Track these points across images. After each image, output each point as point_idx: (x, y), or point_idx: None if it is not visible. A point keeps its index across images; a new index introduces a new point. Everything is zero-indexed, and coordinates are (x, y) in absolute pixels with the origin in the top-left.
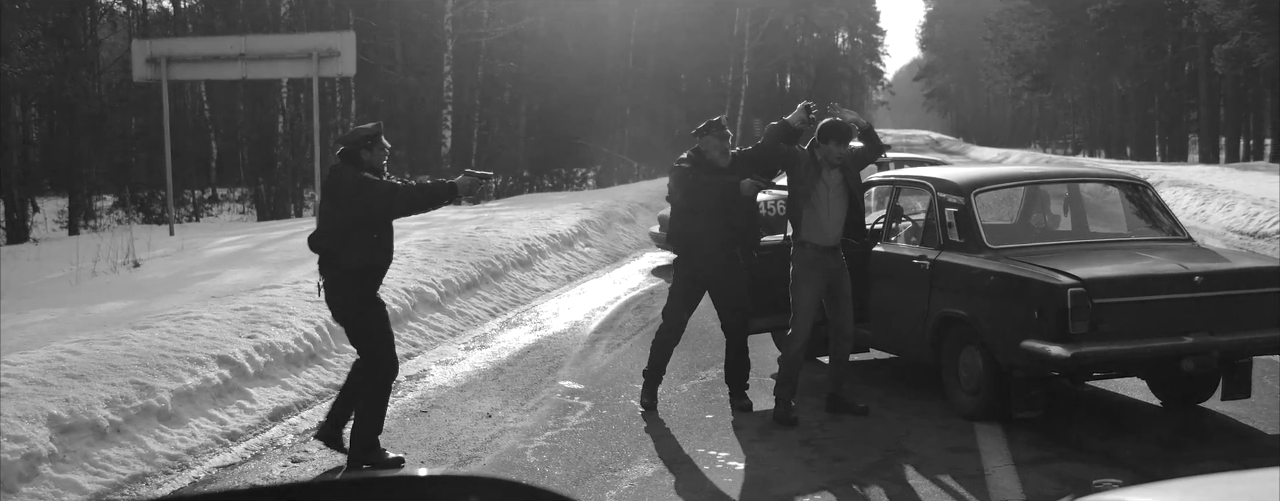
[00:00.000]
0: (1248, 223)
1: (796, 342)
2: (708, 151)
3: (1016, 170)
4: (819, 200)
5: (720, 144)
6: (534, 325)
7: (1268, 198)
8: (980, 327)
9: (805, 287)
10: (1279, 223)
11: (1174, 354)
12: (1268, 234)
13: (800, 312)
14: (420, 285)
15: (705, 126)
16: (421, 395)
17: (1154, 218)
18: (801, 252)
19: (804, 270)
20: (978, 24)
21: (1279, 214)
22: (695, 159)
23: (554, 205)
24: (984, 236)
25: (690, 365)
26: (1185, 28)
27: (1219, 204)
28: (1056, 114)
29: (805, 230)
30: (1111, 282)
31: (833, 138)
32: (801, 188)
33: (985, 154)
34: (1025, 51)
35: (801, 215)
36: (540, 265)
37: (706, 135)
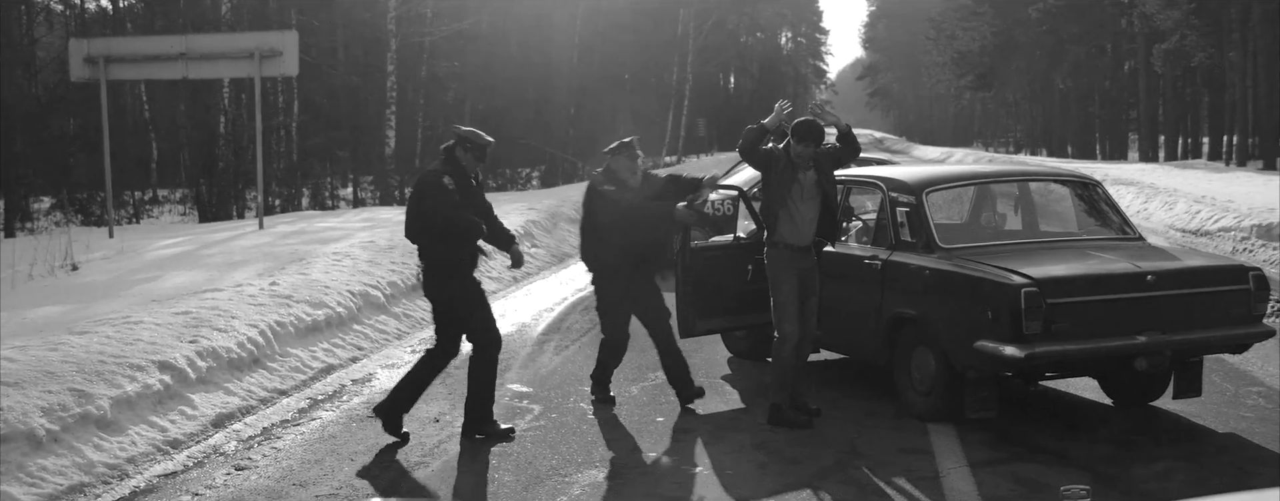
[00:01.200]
0: (1190, 220)
1: (788, 344)
2: (619, 171)
3: (968, 169)
4: (793, 201)
5: (629, 163)
6: None
7: (1208, 196)
8: (933, 328)
9: (785, 287)
10: (1221, 220)
11: (1128, 353)
12: (1210, 231)
13: (785, 313)
14: (365, 287)
15: (617, 146)
16: (368, 399)
17: (1104, 216)
18: (776, 254)
19: (781, 271)
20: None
21: (1221, 212)
22: (608, 177)
23: (499, 205)
24: (936, 236)
25: (639, 367)
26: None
27: (1161, 202)
28: (998, 113)
29: (780, 231)
30: (1065, 282)
31: (801, 137)
32: (778, 189)
33: (928, 153)
34: (968, 51)
35: (778, 216)
36: (486, 266)
37: (618, 155)
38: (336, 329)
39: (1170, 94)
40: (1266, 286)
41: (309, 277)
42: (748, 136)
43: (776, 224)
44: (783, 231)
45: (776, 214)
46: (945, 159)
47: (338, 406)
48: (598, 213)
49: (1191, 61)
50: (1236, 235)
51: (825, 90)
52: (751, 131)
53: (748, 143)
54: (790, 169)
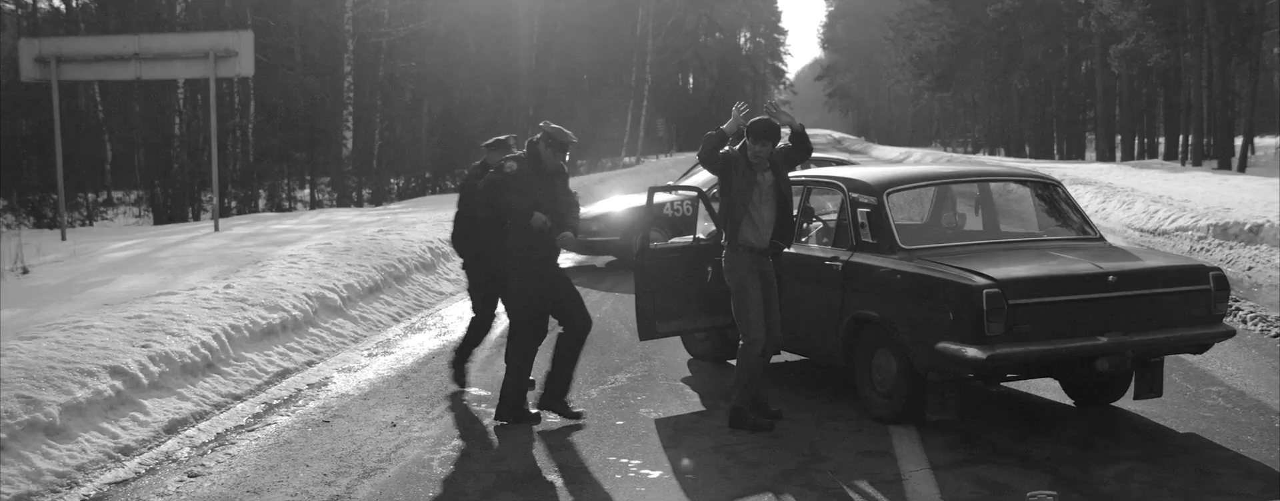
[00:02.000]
0: (1147, 220)
1: (755, 348)
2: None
3: (928, 170)
4: (753, 203)
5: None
6: (439, 330)
7: (1165, 196)
8: (894, 329)
9: (750, 291)
10: (1178, 220)
11: (1089, 354)
12: (1167, 231)
13: (751, 317)
14: (321, 290)
15: (493, 143)
16: (324, 404)
17: (1065, 217)
18: (738, 257)
19: (745, 274)
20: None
21: (1178, 211)
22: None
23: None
24: (897, 237)
25: (598, 369)
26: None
27: (1119, 202)
28: (956, 113)
29: (743, 234)
30: (1027, 283)
31: (759, 137)
32: (741, 191)
33: (887, 153)
34: (926, 51)
35: (740, 219)
36: (444, 268)
37: (494, 150)
38: (292, 332)
39: (1127, 94)
40: (1227, 286)
41: (264, 280)
42: (707, 143)
43: (738, 227)
44: (745, 234)
45: (739, 217)
46: (904, 159)
47: (293, 411)
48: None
49: (1148, 61)
50: (1193, 234)
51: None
52: (711, 138)
53: (708, 149)
54: (749, 170)
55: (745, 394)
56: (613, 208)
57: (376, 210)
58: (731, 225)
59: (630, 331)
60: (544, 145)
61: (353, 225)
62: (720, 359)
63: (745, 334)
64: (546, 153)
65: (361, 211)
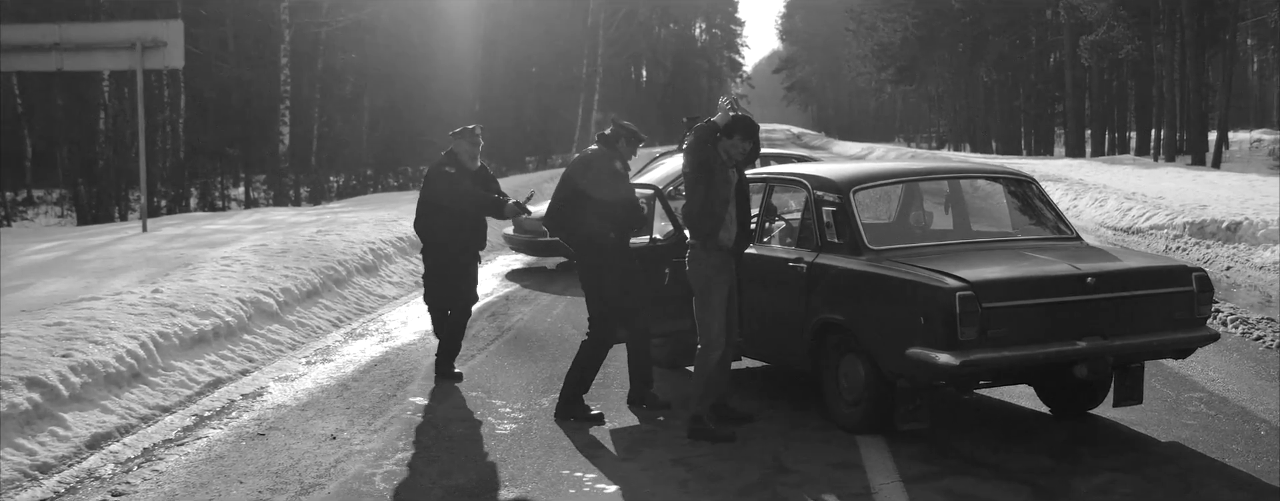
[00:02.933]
0: (1120, 218)
1: (714, 353)
2: (460, 154)
3: (896, 166)
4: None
5: (470, 149)
6: (381, 336)
7: (1138, 192)
8: (862, 335)
9: (716, 294)
10: (1152, 218)
11: (1068, 359)
12: (1141, 229)
13: (713, 321)
14: (257, 294)
15: (461, 131)
16: (259, 415)
17: (1039, 215)
18: (709, 258)
19: (715, 275)
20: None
21: (1152, 209)
22: (450, 159)
23: (401, 205)
24: (864, 237)
25: (550, 376)
26: (1050, 18)
27: (1091, 199)
28: (920, 107)
29: (720, 234)
30: (1002, 285)
31: (739, 132)
32: (722, 189)
33: (849, 148)
34: (889, 43)
35: (721, 218)
36: (387, 270)
37: (460, 139)
38: (225, 339)
39: (1097, 87)
40: (1210, 288)
41: (196, 284)
42: (702, 134)
43: (718, 227)
44: (721, 235)
45: (720, 216)
46: (866, 155)
47: (226, 423)
48: (437, 191)
49: (1119, 53)
50: (1169, 233)
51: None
52: (705, 130)
53: (701, 142)
54: (723, 168)
55: (704, 401)
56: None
57: (315, 209)
58: (710, 224)
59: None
60: (625, 143)
61: (290, 225)
62: (678, 365)
63: (704, 336)
64: (625, 149)
65: (299, 211)
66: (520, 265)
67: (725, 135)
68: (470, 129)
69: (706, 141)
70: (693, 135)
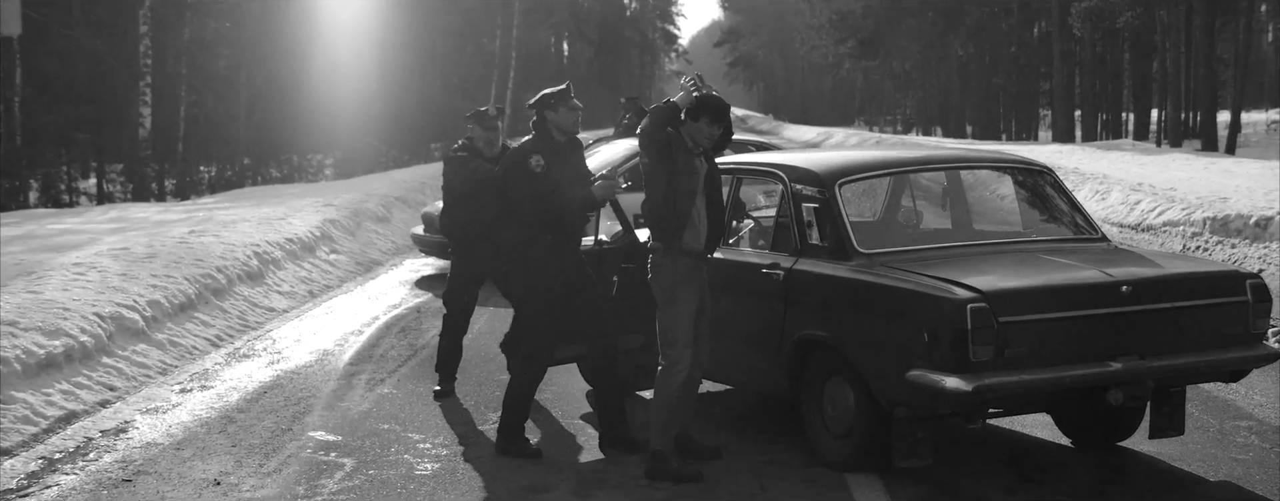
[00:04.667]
0: (1127, 213)
1: (678, 375)
2: (475, 140)
3: (888, 155)
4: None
5: (485, 134)
6: (271, 357)
7: (1145, 183)
8: (851, 354)
9: (683, 306)
10: (1165, 212)
11: (1100, 383)
12: (1153, 226)
13: (679, 337)
14: (118, 308)
15: (471, 115)
16: (123, 457)
17: (1057, 211)
18: (677, 263)
19: (681, 284)
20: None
21: (1164, 202)
22: (468, 148)
23: (287, 201)
24: (853, 238)
25: (476, 404)
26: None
27: (1091, 191)
28: (884, 85)
29: (685, 235)
30: (1021, 296)
31: (707, 114)
32: (686, 182)
33: (803, 134)
34: (849, 11)
35: (687, 216)
36: (274, 278)
37: (473, 124)
38: (80, 364)
39: (1090, 62)
40: (1268, 297)
41: (41, 297)
42: (657, 117)
43: (682, 226)
44: (687, 235)
45: (686, 213)
46: (823, 142)
47: (83, 468)
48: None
49: (1116, 22)
50: (1186, 230)
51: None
52: (663, 111)
53: (656, 125)
54: (688, 157)
55: (666, 433)
56: None
57: (184, 205)
58: (674, 222)
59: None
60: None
61: (155, 224)
62: (628, 390)
63: (667, 354)
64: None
65: (165, 207)
66: (432, 270)
67: (690, 118)
68: (483, 111)
69: (665, 124)
70: (649, 117)
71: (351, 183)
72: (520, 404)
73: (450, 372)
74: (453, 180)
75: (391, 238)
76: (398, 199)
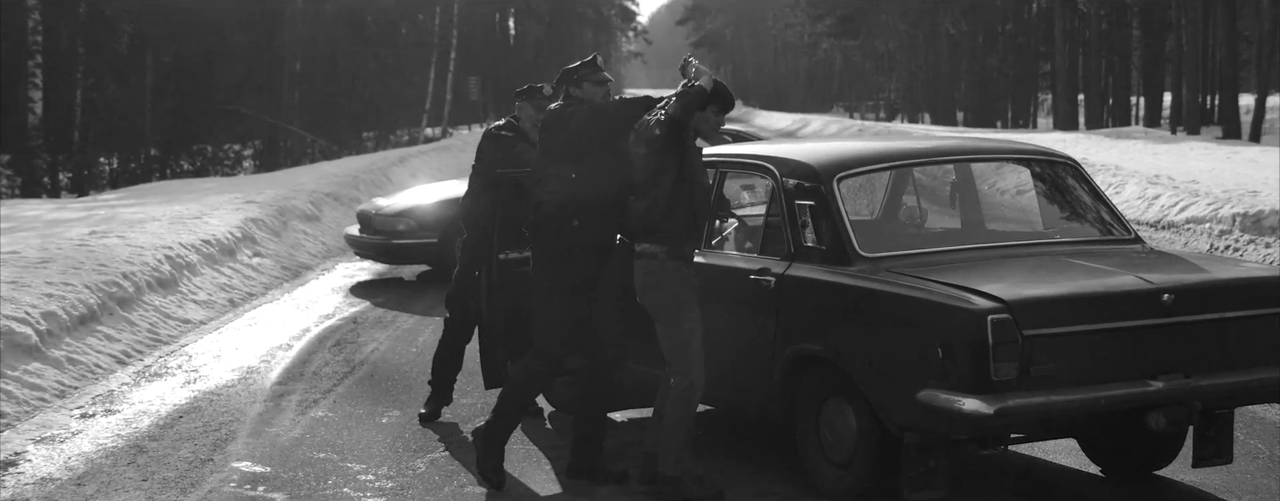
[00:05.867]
0: (1146, 208)
1: (695, 394)
2: (522, 121)
3: (890, 145)
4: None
5: (536, 114)
6: (186, 375)
7: (1163, 175)
8: (854, 372)
9: (695, 318)
10: (1188, 208)
11: (1139, 405)
12: (1174, 223)
13: (693, 351)
14: (6, 322)
15: (525, 90)
16: (13, 494)
17: (1082, 208)
18: (679, 270)
19: (688, 292)
20: None
21: (1186, 196)
22: (513, 127)
23: (203, 197)
24: (855, 240)
25: (422, 431)
26: None
27: (1103, 184)
28: (866, 67)
29: (690, 236)
30: (1047, 305)
31: (717, 101)
32: (702, 177)
33: (775, 121)
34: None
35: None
36: (189, 285)
37: (523, 100)
38: None
39: (1096, 40)
40: None
41: None
42: (689, 103)
43: (692, 227)
44: (692, 237)
45: (704, 212)
46: (799, 130)
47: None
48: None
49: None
50: (1213, 228)
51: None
52: (694, 96)
53: (686, 112)
54: (697, 151)
55: (681, 459)
56: (421, 199)
57: (82, 202)
58: (690, 223)
59: (465, 375)
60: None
61: (49, 224)
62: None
63: (686, 373)
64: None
65: (60, 203)
66: (368, 276)
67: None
68: (538, 87)
69: (695, 112)
70: (679, 102)
71: (275, 177)
72: (513, 412)
73: (445, 390)
74: (490, 161)
75: (322, 239)
76: (328, 195)
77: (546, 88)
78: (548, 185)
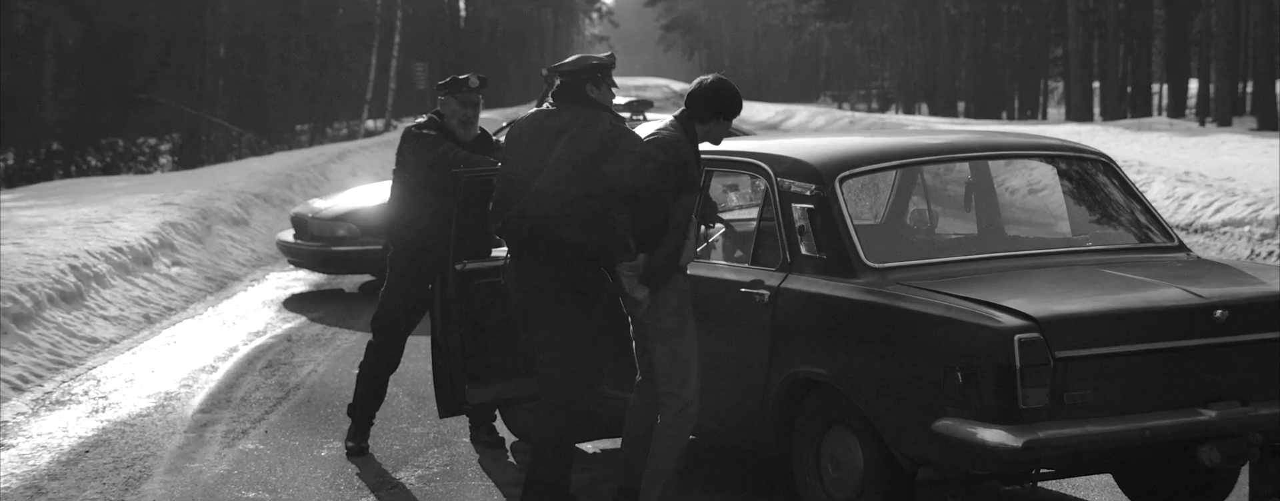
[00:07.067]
0: (1176, 210)
1: (690, 419)
2: (447, 116)
3: (898, 141)
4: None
5: (462, 110)
6: (94, 403)
7: (1193, 171)
8: (860, 399)
9: (693, 333)
10: (1224, 209)
11: (1189, 437)
12: (1209, 226)
13: (691, 371)
14: None
15: (447, 83)
16: None
17: (1117, 212)
18: (679, 281)
19: (688, 304)
20: None
21: (1222, 196)
22: (437, 124)
23: (113, 198)
24: (860, 249)
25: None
26: None
27: None
28: (856, 52)
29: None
30: (1083, 323)
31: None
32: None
33: (757, 112)
34: None
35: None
36: (98, 299)
37: (447, 95)
38: None
39: (1114, 21)
40: None
41: None
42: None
43: (686, 239)
44: (688, 249)
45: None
46: (783, 122)
47: None
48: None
49: None
50: (1253, 231)
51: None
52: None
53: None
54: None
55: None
56: (363, 201)
57: None
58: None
59: (417, 400)
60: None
61: None
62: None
63: (679, 393)
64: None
65: None
66: (304, 287)
67: (710, 115)
68: (463, 79)
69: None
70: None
71: (197, 175)
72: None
73: (366, 421)
74: (413, 164)
75: (251, 245)
76: (258, 196)
77: (473, 80)
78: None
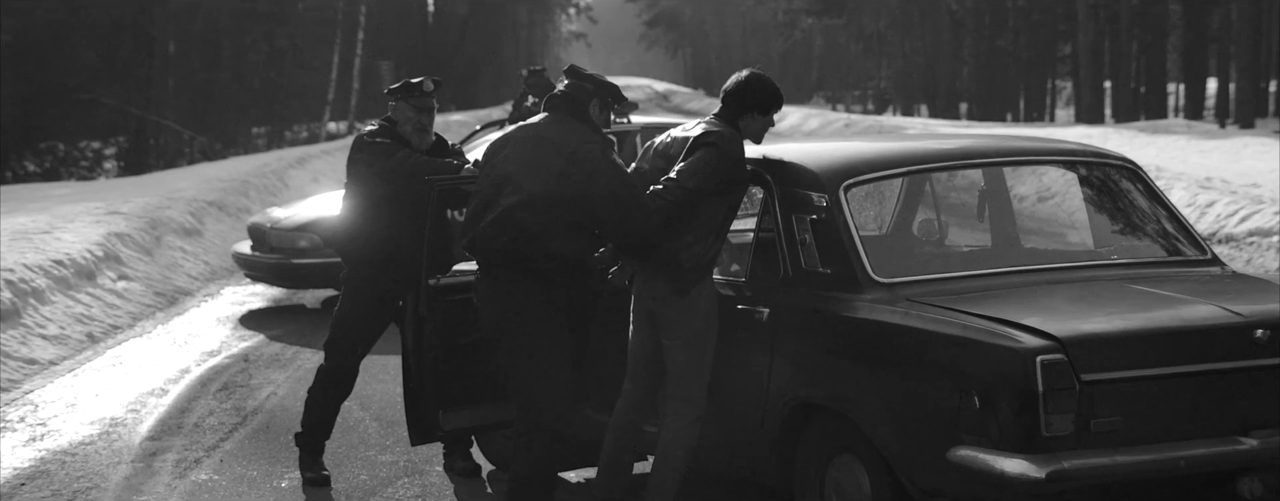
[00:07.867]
0: (1198, 219)
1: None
2: (399, 122)
3: (905, 146)
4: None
5: (416, 116)
6: (32, 430)
7: (1214, 176)
8: (867, 425)
9: (714, 339)
10: (1250, 217)
11: (1227, 467)
12: (1234, 236)
13: (706, 384)
14: None
15: (398, 87)
16: None
17: (1144, 223)
18: (709, 286)
19: (715, 312)
20: None
21: (1246, 203)
22: (389, 131)
23: (53, 206)
24: (867, 263)
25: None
26: None
27: None
28: (851, 50)
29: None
30: (1111, 344)
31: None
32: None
33: None
34: None
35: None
36: (36, 316)
37: (399, 99)
38: None
39: (1127, 18)
40: None
41: None
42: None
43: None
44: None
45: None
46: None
47: None
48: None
49: None
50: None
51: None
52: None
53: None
54: None
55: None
56: (325, 210)
57: None
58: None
59: (386, 425)
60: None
61: None
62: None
63: (695, 400)
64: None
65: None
66: (262, 303)
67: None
68: (416, 83)
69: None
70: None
71: (144, 181)
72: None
73: (317, 449)
74: (366, 175)
75: (204, 258)
76: (212, 204)
77: (427, 83)
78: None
